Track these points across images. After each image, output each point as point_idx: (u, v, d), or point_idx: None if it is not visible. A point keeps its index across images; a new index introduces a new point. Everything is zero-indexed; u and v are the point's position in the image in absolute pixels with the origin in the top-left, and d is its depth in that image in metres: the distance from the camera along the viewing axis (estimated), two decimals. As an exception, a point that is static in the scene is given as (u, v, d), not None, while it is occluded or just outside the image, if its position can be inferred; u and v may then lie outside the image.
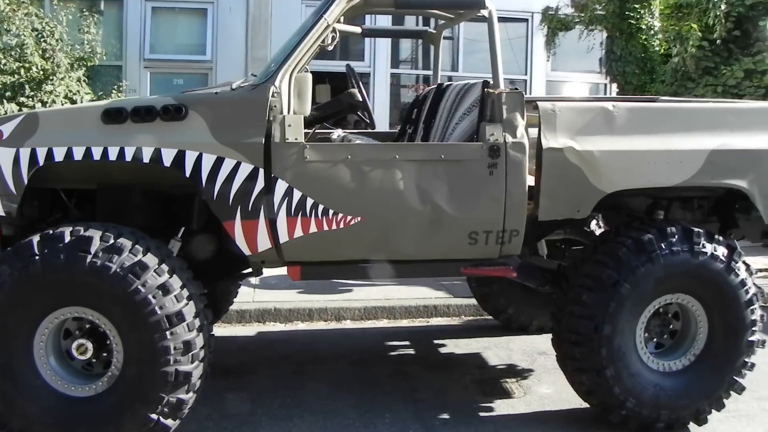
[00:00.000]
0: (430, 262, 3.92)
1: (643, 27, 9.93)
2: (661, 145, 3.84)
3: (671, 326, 4.09)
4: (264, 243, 3.68)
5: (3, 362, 3.43)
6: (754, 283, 3.95)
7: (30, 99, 8.04)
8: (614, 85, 10.25)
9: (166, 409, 3.47)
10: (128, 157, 3.60)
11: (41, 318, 3.48)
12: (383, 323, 6.15)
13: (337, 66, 10.19)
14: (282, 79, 3.65)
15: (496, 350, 5.37)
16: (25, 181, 3.67)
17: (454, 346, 5.46)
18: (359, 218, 3.67)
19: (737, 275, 3.87)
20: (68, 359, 3.62)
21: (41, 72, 8.15)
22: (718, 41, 10.83)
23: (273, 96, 3.61)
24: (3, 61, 8.06)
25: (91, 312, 3.49)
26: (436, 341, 5.58)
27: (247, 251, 3.70)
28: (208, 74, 9.90)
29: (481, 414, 4.27)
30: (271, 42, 9.55)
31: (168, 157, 3.59)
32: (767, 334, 4.11)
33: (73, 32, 8.64)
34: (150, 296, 3.38)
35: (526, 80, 10.36)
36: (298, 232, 3.66)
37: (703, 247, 3.82)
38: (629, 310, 3.82)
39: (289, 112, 3.65)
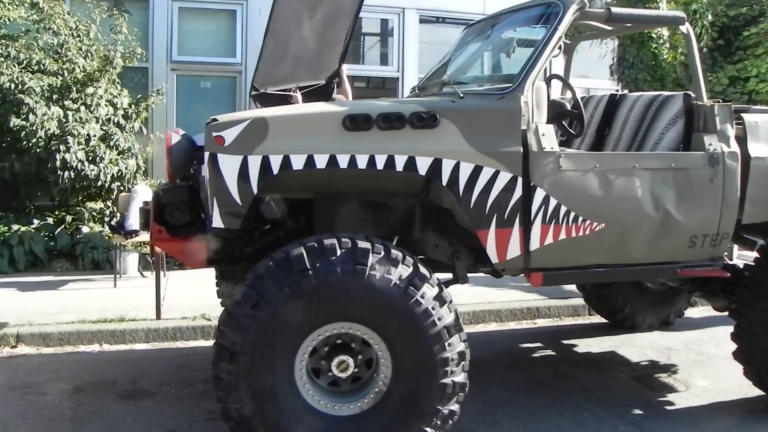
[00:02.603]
0: (651, 265, 4.05)
1: (654, 35, 10.45)
2: None
3: None
4: (514, 251, 3.70)
5: (268, 384, 3.27)
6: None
7: (74, 102, 7.55)
8: (626, 92, 10.73)
9: (438, 422, 3.42)
10: (379, 165, 3.52)
11: (305, 336, 3.35)
12: (493, 326, 6.24)
13: (362, 70, 10.20)
14: (528, 88, 3.68)
15: (627, 348, 5.59)
16: (255, 191, 3.50)
17: (586, 346, 5.63)
18: (603, 224, 3.77)
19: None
20: (313, 377, 3.49)
21: (84, 73, 7.66)
22: (705, 50, 11.60)
23: (523, 105, 3.64)
24: (44, 62, 7.51)
25: (358, 327, 3.39)
26: (564, 341, 5.73)
27: (495, 259, 3.71)
28: (237, 77, 9.58)
29: (668, 408, 4.46)
30: (301, 45, 9.36)
31: (423, 165, 3.53)
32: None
33: (105, 32, 8.15)
34: (430, 308, 3.33)
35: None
36: (549, 240, 3.71)
37: None
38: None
39: (532, 121, 3.68)
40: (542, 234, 3.69)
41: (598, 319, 6.34)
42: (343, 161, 3.50)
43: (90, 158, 7.53)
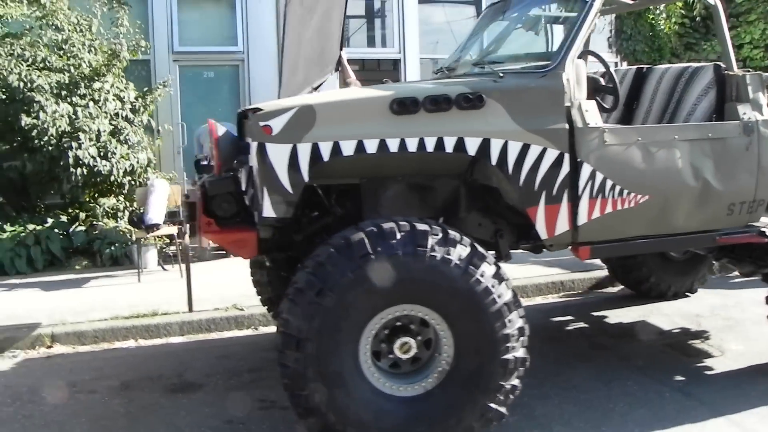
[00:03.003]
0: (691, 234, 4.13)
1: (650, 7, 10.50)
2: None
3: None
4: (563, 226, 3.76)
5: (335, 370, 3.30)
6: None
7: (82, 98, 7.47)
8: (625, 63, 10.81)
9: (501, 397, 3.48)
10: (429, 148, 3.55)
11: (369, 320, 3.38)
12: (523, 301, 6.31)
13: (366, 53, 10.18)
14: (569, 65, 3.72)
15: (656, 317, 5.70)
16: (306, 179, 3.53)
17: (616, 317, 5.74)
18: (647, 196, 3.84)
19: None
20: (374, 360, 3.53)
21: (90, 68, 7.58)
22: (698, 18, 11.69)
23: (566, 82, 3.68)
24: (50, 59, 7.42)
25: (420, 308, 3.43)
26: (594, 313, 5.83)
27: (544, 235, 3.76)
28: (239, 66, 9.52)
29: (707, 373, 4.56)
30: (302, 31, 9.31)
31: (472, 145, 3.57)
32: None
33: (106, 26, 8.06)
34: (490, 286, 3.38)
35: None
36: (596, 214, 3.77)
37: None
38: None
39: (574, 98, 3.73)
40: (589, 208, 3.75)
41: (621, 289, 6.45)
42: (393, 145, 3.53)
43: (101, 154, 7.48)
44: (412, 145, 3.54)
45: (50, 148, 7.26)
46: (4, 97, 7.33)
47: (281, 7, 9.27)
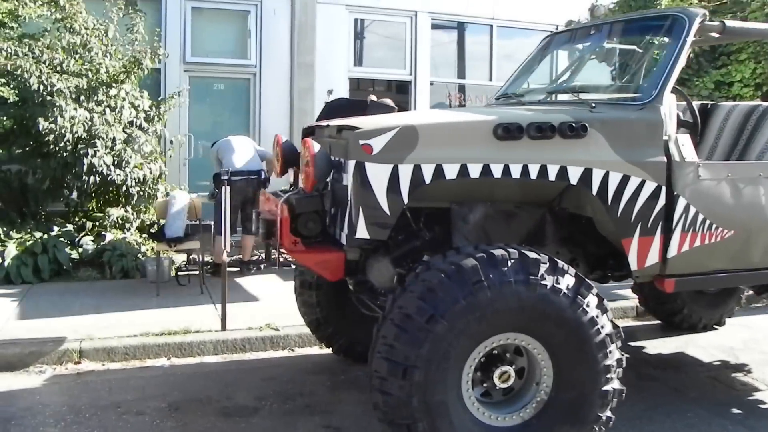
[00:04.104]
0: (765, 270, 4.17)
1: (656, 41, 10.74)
2: None
3: None
4: (653, 258, 3.76)
5: (440, 399, 3.21)
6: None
7: (98, 105, 7.21)
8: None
9: (597, 428, 3.44)
10: (533, 175, 3.53)
11: (474, 348, 3.31)
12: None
13: (379, 73, 10.14)
14: (666, 98, 3.75)
15: (693, 348, 5.75)
16: (406, 201, 3.46)
17: (653, 348, 5.77)
18: (732, 231, 3.88)
19: None
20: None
21: (107, 74, 7.33)
22: (691, 55, 12.03)
23: (663, 115, 3.71)
24: (67, 62, 7.14)
25: (523, 337, 3.38)
26: (631, 343, 5.84)
27: (635, 266, 3.75)
28: (251, 79, 9.34)
29: (762, 407, 4.61)
30: (316, 48, 9.24)
31: (575, 174, 3.56)
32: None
33: (121, 32, 7.82)
34: (595, 316, 3.35)
35: (552, 90, 10.81)
36: (685, 247, 3.79)
37: None
38: None
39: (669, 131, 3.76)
40: (680, 241, 3.76)
41: (648, 320, 6.51)
42: (497, 170, 3.49)
43: (115, 162, 7.22)
44: (515, 171, 3.51)
45: (65, 154, 6.96)
46: (17, 99, 7.00)
47: (297, 25, 9.24)
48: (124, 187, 7.33)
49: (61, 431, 4.05)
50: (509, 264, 3.25)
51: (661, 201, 3.68)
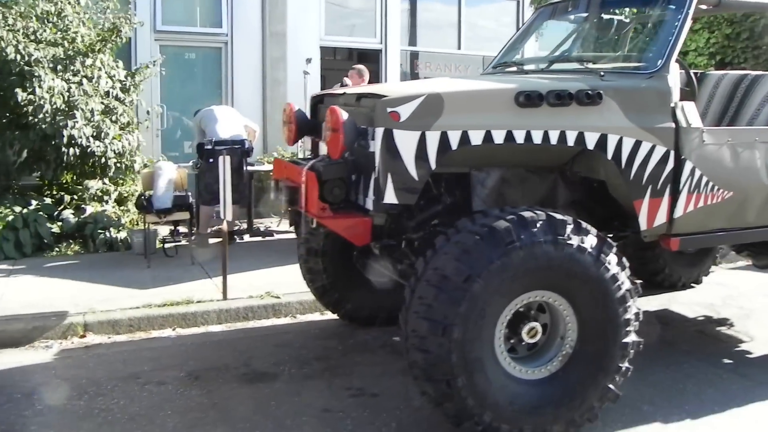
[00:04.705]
0: (760, 228, 4.45)
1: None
2: None
3: None
4: (661, 218, 4.00)
5: (477, 355, 3.38)
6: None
7: (75, 74, 7.01)
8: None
9: (618, 378, 3.67)
10: (553, 140, 3.70)
11: (506, 306, 3.49)
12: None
13: (351, 42, 10.13)
14: (672, 67, 3.96)
15: (677, 305, 6.11)
16: (433, 167, 3.60)
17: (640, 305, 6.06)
18: (731, 192, 4.15)
19: None
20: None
21: (84, 43, 7.12)
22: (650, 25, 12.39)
23: (670, 83, 3.92)
24: (41, 31, 6.90)
25: (550, 294, 3.57)
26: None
27: (644, 226, 3.98)
28: (222, 48, 9.20)
29: (750, 356, 4.96)
30: (287, 16, 9.16)
31: (591, 140, 3.75)
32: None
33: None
34: (616, 273, 3.56)
35: (519, 59, 10.98)
36: (690, 207, 4.04)
37: None
38: None
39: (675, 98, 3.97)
40: (686, 202, 4.01)
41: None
42: (519, 137, 3.65)
43: (94, 134, 7.07)
44: (537, 137, 3.67)
45: (44, 126, 6.78)
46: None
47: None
48: (103, 159, 7.20)
49: (87, 403, 4.05)
50: (538, 225, 3.42)
51: (670, 164, 3.91)
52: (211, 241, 7.49)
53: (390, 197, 3.60)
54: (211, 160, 7.10)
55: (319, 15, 9.56)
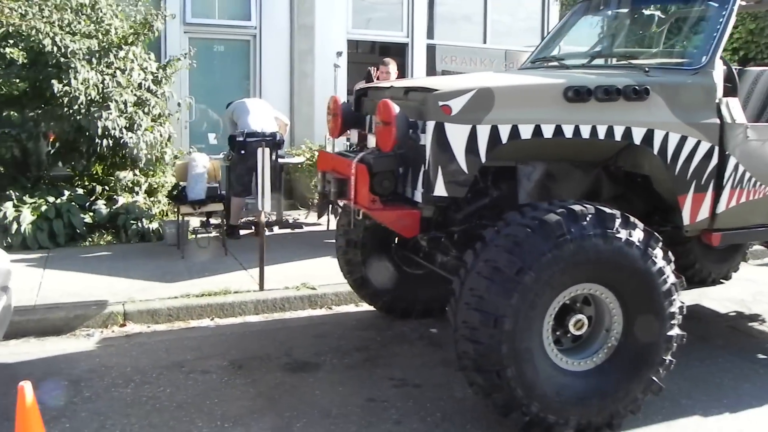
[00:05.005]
0: None
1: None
2: None
3: None
4: (704, 213, 4.04)
5: (526, 346, 3.42)
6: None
7: (108, 67, 7.09)
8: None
9: (662, 370, 3.71)
10: (600, 135, 3.74)
11: (555, 298, 3.53)
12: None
13: (377, 36, 10.17)
14: (717, 63, 3.99)
15: (708, 301, 6.13)
16: (483, 160, 3.65)
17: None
18: (771, 188, 4.18)
19: None
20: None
21: (118, 36, 7.19)
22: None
23: (716, 79, 3.95)
24: (75, 23, 6.97)
25: (596, 287, 3.61)
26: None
27: (687, 221, 4.02)
28: (251, 41, 9.25)
29: (782, 352, 5.00)
30: (315, 9, 9.20)
31: (638, 135, 3.78)
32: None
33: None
34: (663, 267, 3.61)
35: (543, 53, 10.96)
36: (732, 203, 4.08)
37: None
38: None
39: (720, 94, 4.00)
40: (729, 198, 4.05)
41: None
42: (568, 131, 3.69)
43: (127, 125, 7.15)
44: (585, 131, 3.71)
45: (78, 117, 6.86)
46: (25, 61, 6.83)
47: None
48: (135, 150, 7.28)
49: (134, 390, 4.13)
50: (588, 218, 3.46)
51: (714, 160, 3.94)
52: (242, 232, 7.57)
53: (440, 190, 3.66)
54: (242, 151, 7.19)
55: (346, 8, 9.58)
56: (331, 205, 7.63)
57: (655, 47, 4.60)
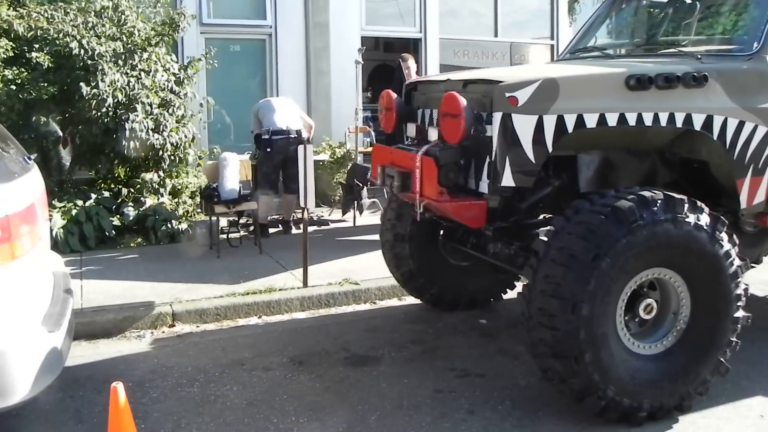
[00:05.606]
0: None
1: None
2: None
3: None
4: (760, 197, 4.12)
5: (603, 331, 3.48)
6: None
7: (133, 68, 7.06)
8: None
9: (728, 351, 3.79)
10: (662, 122, 3.79)
11: (627, 283, 3.59)
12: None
13: (391, 32, 10.20)
14: (768, 49, 4.06)
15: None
16: (550, 150, 3.69)
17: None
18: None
19: None
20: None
21: (141, 38, 7.17)
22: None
23: (767, 65, 4.02)
24: (99, 26, 6.94)
25: (666, 271, 3.67)
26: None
27: (744, 204, 4.10)
28: (266, 40, 9.25)
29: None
30: (330, 6, 9.20)
31: (698, 121, 3.85)
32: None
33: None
34: (729, 250, 3.68)
35: (552, 45, 11.09)
36: (784, 186, 4.14)
37: None
38: None
39: (770, 79, 4.07)
40: (784, 182, 4.12)
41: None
42: (631, 119, 3.74)
43: (153, 127, 7.14)
44: (647, 119, 3.76)
45: (106, 120, 6.83)
46: (51, 65, 6.80)
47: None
48: (161, 152, 7.26)
49: (201, 390, 4.14)
50: (658, 204, 3.53)
51: (771, 144, 4.02)
52: (271, 230, 7.59)
53: (507, 180, 3.70)
54: (268, 149, 7.21)
55: (360, 4, 9.60)
56: (356, 202, 7.74)
57: (697, 35, 4.66)
